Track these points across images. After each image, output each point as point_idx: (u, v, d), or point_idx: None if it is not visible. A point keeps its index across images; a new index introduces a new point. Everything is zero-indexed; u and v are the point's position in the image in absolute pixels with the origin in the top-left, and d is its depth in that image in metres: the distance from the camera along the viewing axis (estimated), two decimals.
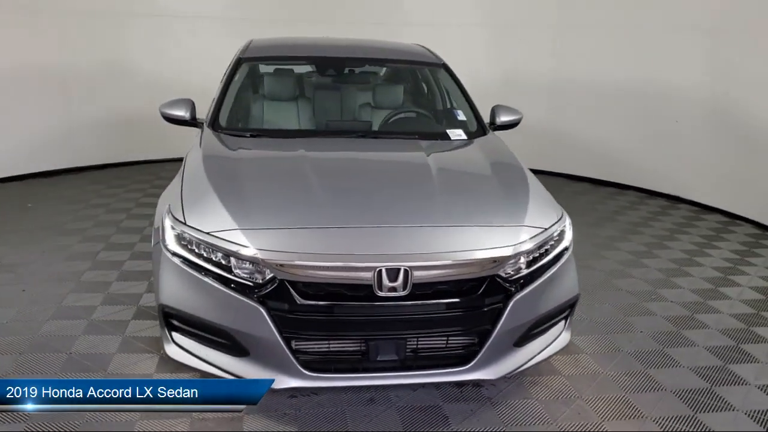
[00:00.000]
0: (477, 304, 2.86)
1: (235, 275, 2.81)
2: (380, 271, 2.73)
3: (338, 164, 3.64)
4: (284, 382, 2.82)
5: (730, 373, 3.53)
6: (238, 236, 2.81)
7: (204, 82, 6.38)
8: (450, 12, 8.28)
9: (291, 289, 2.75)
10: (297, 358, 2.79)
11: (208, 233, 2.86)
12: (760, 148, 6.05)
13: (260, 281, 2.78)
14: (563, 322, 3.28)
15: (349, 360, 2.86)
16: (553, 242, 3.10)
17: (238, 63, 4.41)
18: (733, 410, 3.19)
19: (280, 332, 2.74)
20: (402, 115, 4.39)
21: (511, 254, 2.88)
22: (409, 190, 3.23)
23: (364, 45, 4.97)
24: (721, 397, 3.30)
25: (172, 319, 2.99)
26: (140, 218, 5.87)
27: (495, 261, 2.86)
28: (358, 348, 2.84)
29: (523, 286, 2.93)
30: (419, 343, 2.87)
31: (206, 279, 2.83)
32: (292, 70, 4.93)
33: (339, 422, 2.98)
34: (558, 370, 3.49)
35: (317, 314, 2.78)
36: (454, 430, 2.96)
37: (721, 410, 3.19)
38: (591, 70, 7.52)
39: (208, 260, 2.86)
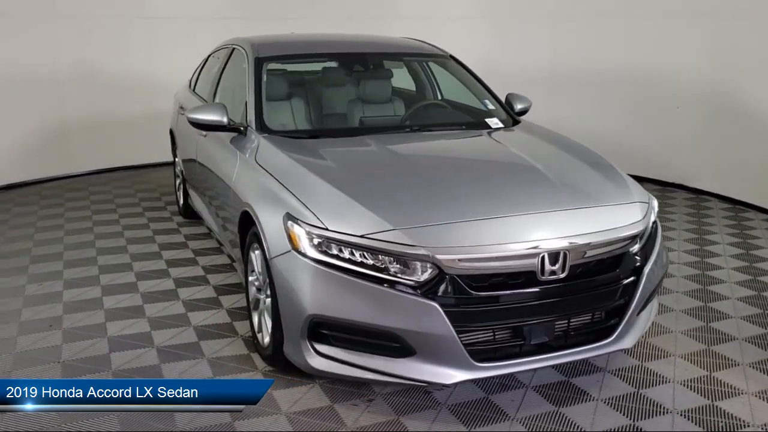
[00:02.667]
0: (618, 278, 3.04)
1: (393, 275, 2.78)
2: (543, 256, 2.82)
3: (433, 158, 3.67)
4: (452, 376, 2.82)
5: None
6: (399, 236, 2.78)
7: None
8: (444, 4, 8.29)
9: (461, 283, 2.77)
10: (468, 351, 2.80)
11: (362, 236, 2.79)
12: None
13: (421, 279, 2.77)
14: None
15: (510, 346, 2.92)
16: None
17: (258, 63, 4.22)
18: None
19: (454, 326, 2.75)
20: (439, 107, 4.64)
21: (643, 228, 3.10)
22: (523, 176, 3.33)
23: (369, 40, 4.96)
24: None
25: (322, 329, 2.88)
26: (85, 247, 5.17)
27: (633, 236, 3.06)
28: (518, 333, 2.90)
29: (646, 258, 3.15)
30: (570, 321, 3.00)
31: (367, 283, 2.77)
32: (316, 69, 4.79)
33: (495, 409, 3.03)
34: None
35: (486, 305, 2.82)
36: (601, 398, 3.12)
37: None
38: (588, 59, 7.54)
39: (361, 264, 2.80)
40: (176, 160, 6.07)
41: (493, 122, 4.22)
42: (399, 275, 2.77)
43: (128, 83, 7.67)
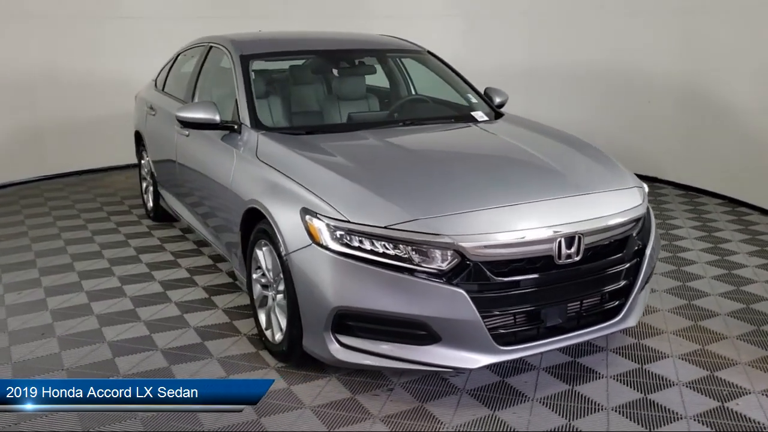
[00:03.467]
0: (623, 260, 3.18)
1: (417, 265, 2.83)
2: (560, 240, 2.93)
3: (436, 150, 3.74)
4: (477, 361, 2.89)
5: (748, 293, 4.23)
6: (422, 226, 2.83)
7: None
8: (418, 3, 8.32)
9: (484, 269, 2.84)
10: (493, 336, 2.88)
11: (385, 227, 2.83)
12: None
13: (443, 267, 2.83)
14: None
15: (528, 329, 3.01)
16: None
17: (244, 61, 4.18)
18: None
19: (479, 312, 2.82)
20: (423, 101, 4.72)
21: (644, 212, 3.27)
22: (529, 165, 3.43)
23: (349, 37, 4.99)
24: (762, 312, 3.97)
25: (347, 321, 2.90)
26: (57, 254, 5.02)
27: (637, 219, 3.21)
28: (536, 316, 3.00)
29: (645, 240, 3.31)
30: (583, 302, 3.12)
31: (392, 273, 2.81)
32: (303, 65, 4.77)
33: (513, 391, 3.12)
34: None
35: (508, 290, 2.90)
36: (609, 375, 3.26)
37: None
38: (563, 56, 7.67)
39: (384, 254, 2.84)
40: (143, 161, 5.93)
41: (479, 115, 4.32)
42: (422, 264, 2.83)
43: (96, 84, 7.53)
